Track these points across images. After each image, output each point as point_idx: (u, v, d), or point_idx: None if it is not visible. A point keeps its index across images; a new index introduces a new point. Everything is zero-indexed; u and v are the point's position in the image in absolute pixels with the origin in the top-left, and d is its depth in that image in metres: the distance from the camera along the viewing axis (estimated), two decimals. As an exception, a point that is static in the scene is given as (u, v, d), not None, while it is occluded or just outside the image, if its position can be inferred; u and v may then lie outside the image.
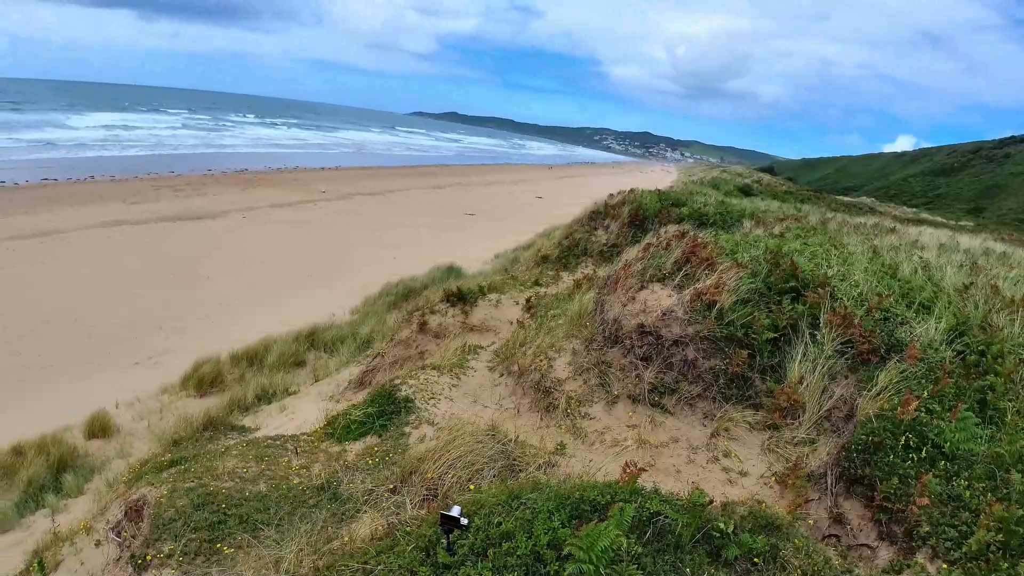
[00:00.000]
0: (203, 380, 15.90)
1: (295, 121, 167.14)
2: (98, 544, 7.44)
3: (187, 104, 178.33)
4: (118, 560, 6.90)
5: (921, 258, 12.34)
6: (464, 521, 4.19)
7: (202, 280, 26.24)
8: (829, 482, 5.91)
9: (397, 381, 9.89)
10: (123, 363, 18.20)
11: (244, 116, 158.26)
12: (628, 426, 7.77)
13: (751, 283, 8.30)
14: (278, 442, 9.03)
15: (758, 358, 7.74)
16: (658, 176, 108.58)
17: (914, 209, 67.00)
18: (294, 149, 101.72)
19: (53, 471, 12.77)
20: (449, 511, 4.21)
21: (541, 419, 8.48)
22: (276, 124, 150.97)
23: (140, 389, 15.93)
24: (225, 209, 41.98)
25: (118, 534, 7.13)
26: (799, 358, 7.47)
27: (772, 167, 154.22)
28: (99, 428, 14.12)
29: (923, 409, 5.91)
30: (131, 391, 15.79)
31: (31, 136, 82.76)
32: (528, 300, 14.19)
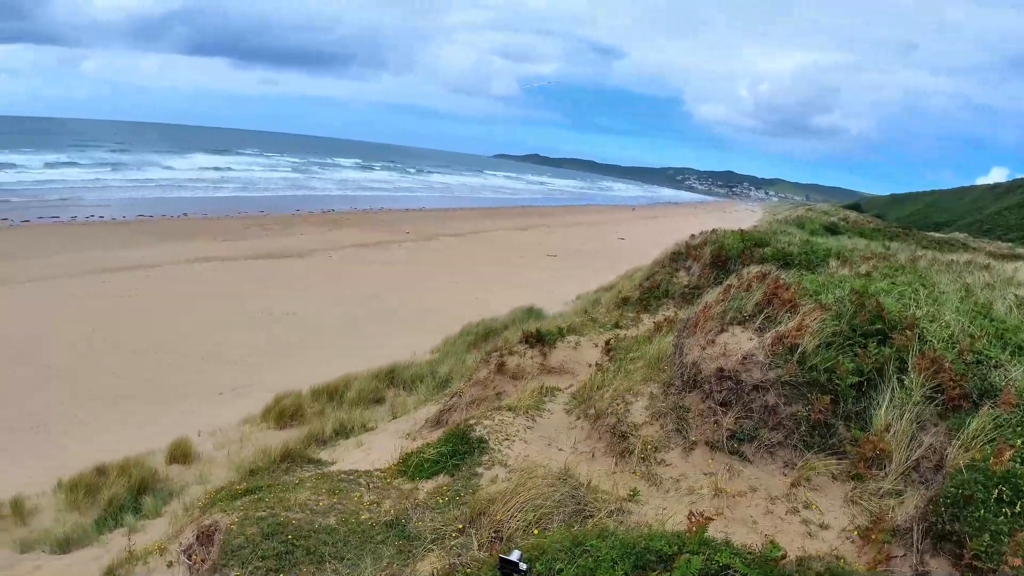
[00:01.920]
0: (283, 413, 16.22)
1: (382, 164, 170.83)
2: (170, 565, 7.61)
3: (279, 147, 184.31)
4: None
5: (1017, 296, 11.70)
6: (523, 566, 4.08)
7: (287, 315, 26.86)
8: (915, 537, 5.59)
9: (472, 421, 9.84)
10: (207, 393, 18.73)
11: (332, 159, 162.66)
12: (705, 474, 7.54)
13: (835, 325, 8.00)
14: (352, 477, 9.08)
15: (842, 404, 7.42)
16: (741, 216, 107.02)
17: (1009, 244, 63.64)
18: (381, 191, 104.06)
19: (133, 493, 13.27)
20: (510, 555, 4.12)
21: (616, 464, 8.31)
22: (364, 167, 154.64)
23: (222, 419, 16.36)
24: (312, 248, 43.09)
25: (189, 557, 7.26)
26: (885, 404, 7.12)
27: (859, 204, 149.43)
28: (180, 454, 14.58)
29: (1018, 459, 5.55)
30: (214, 420, 16.24)
31: (133, 175, 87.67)
32: (607, 342, 14.03)
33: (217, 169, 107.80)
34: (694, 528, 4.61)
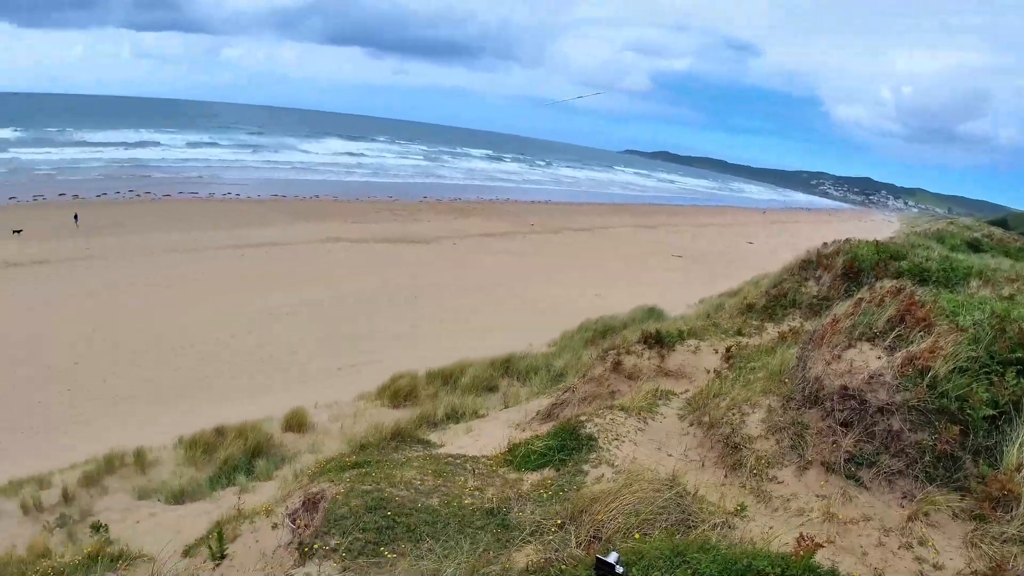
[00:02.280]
0: (398, 392, 16.69)
1: (512, 156, 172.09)
2: (275, 527, 7.92)
3: (411, 136, 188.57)
4: (288, 545, 7.30)
5: None
6: (620, 569, 4.03)
7: (409, 298, 27.51)
8: (1038, 590, 5.21)
9: (583, 418, 9.79)
10: (328, 367, 19.50)
11: (463, 149, 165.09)
12: (817, 496, 7.25)
13: (971, 350, 7.50)
14: (458, 461, 9.23)
15: (971, 436, 6.96)
16: (877, 226, 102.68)
17: None
18: (509, 182, 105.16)
19: (248, 455, 14.17)
20: (607, 556, 4.08)
21: (725, 476, 8.10)
22: (494, 157, 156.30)
23: (339, 393, 17.04)
24: (438, 235, 43.98)
25: (293, 521, 7.55)
26: (1019, 441, 6.64)
27: (1006, 220, 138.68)
28: (296, 423, 15.33)
29: None
30: (331, 394, 16.90)
31: (269, 157, 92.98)
32: (728, 349, 13.69)
33: (351, 154, 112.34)
34: (801, 552, 4.44)
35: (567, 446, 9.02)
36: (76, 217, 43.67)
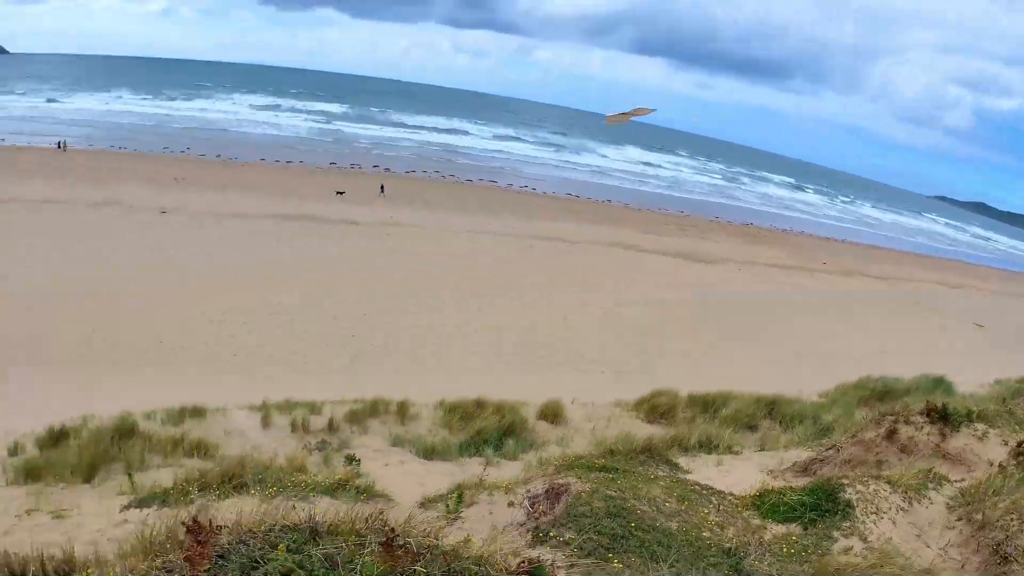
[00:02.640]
0: (655, 408, 16.87)
1: (815, 187, 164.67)
2: (511, 505, 8.36)
3: (709, 152, 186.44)
4: (522, 525, 7.69)
5: None
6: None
7: (685, 317, 27.46)
8: None
9: (844, 481, 9.34)
10: (590, 369, 20.03)
11: (761, 172, 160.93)
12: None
13: None
14: (704, 492, 9.20)
15: None
16: None
17: None
18: (805, 214, 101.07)
19: (500, 432, 15.00)
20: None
21: (986, 585, 7.43)
22: (794, 187, 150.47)
23: (597, 395, 17.49)
24: (723, 257, 43.39)
25: (532, 505, 7.94)
26: None
27: None
28: (551, 414, 16.14)
29: None
30: (589, 394, 17.39)
31: (568, 158, 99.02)
32: (1020, 444, 12.36)
33: (648, 164, 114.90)
34: None
35: (821, 507, 8.68)
36: (382, 188, 48.60)
